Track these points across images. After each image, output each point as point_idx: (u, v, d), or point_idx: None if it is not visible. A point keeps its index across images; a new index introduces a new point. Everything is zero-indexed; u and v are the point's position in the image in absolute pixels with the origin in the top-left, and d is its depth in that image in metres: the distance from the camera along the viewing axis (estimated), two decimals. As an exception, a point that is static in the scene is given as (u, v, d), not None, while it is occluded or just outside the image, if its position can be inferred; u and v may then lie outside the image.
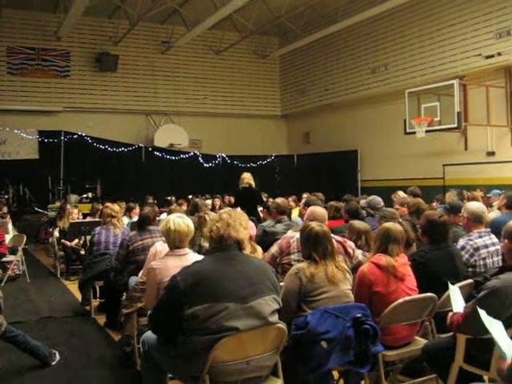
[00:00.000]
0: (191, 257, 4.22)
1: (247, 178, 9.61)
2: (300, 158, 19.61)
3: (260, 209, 9.24)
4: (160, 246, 5.10)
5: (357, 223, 5.42)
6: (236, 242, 3.27)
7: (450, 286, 3.87)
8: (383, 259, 4.15)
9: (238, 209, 4.00)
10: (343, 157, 17.35)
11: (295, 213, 9.25)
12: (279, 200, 6.89)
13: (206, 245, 5.54)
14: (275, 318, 3.27)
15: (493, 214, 7.30)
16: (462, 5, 13.38)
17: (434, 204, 9.31)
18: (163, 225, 4.33)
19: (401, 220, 5.63)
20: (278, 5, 15.38)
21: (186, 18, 16.43)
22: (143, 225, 6.11)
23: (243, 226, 3.34)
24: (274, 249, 4.95)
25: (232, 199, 13.50)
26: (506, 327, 2.88)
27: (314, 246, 3.97)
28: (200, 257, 4.24)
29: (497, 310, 3.16)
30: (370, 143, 16.59)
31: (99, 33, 17.59)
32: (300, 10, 15.88)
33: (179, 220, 4.31)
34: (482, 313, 2.91)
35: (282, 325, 3.29)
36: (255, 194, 9.55)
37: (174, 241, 4.25)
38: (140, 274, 5.12)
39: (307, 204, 6.37)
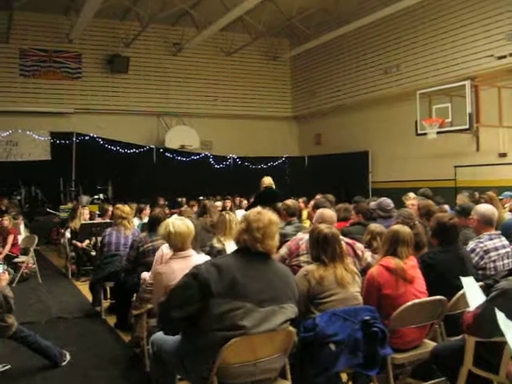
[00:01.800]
0: (196, 258, 4.22)
1: (267, 181, 9.73)
2: (311, 160, 19.61)
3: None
4: (166, 249, 5.10)
5: (373, 225, 5.41)
6: (264, 252, 3.21)
7: (464, 279, 3.86)
8: (392, 262, 4.14)
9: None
10: (354, 158, 17.32)
11: (305, 215, 9.26)
12: (289, 202, 6.90)
13: (218, 245, 5.56)
14: (286, 325, 3.25)
15: (504, 216, 7.27)
16: (474, 5, 13.32)
17: (446, 206, 9.26)
18: (163, 229, 4.30)
19: (417, 222, 5.60)
20: (289, 6, 15.38)
21: (197, 20, 16.48)
22: (153, 226, 6.14)
23: (272, 237, 3.21)
24: (283, 250, 4.96)
25: (244, 201, 13.53)
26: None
27: (323, 248, 3.97)
28: (207, 257, 4.25)
29: (505, 312, 3.18)
30: (381, 144, 16.55)
31: (110, 35, 17.68)
32: (311, 11, 15.88)
33: (178, 222, 4.30)
34: (500, 315, 2.90)
35: (291, 327, 3.29)
36: (275, 195, 9.55)
37: (176, 243, 4.24)
38: (148, 274, 5.13)
39: (316, 206, 6.37)
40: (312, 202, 8.19)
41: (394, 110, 16.01)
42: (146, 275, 5.14)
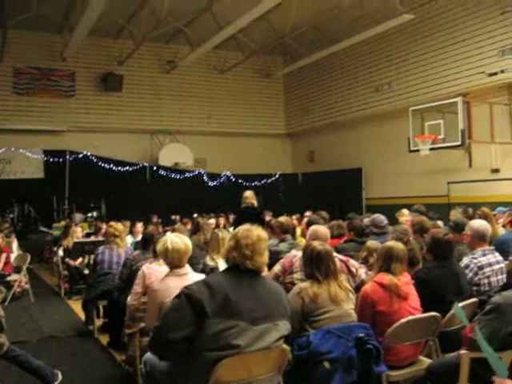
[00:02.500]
0: (192, 276, 4.20)
1: (249, 196, 9.55)
2: (304, 177, 19.66)
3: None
4: (147, 269, 5.09)
5: (370, 242, 5.42)
6: (254, 269, 3.20)
7: (455, 305, 3.86)
8: (386, 278, 4.13)
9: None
10: (347, 175, 17.37)
11: (299, 231, 9.23)
12: (282, 219, 6.90)
13: (211, 263, 5.54)
14: (280, 343, 3.23)
15: (498, 232, 7.27)
16: (465, 23, 13.44)
17: (439, 222, 9.27)
18: (160, 245, 4.31)
19: (411, 238, 5.60)
20: (282, 24, 15.49)
21: (191, 38, 16.57)
22: (147, 244, 6.11)
23: (261, 253, 3.20)
24: (276, 268, 4.94)
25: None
26: (507, 343, 2.88)
27: (317, 265, 3.96)
28: (202, 276, 4.23)
29: (498, 326, 3.22)
30: (375, 161, 16.60)
31: (104, 53, 17.74)
32: (303, 29, 15.99)
33: (176, 239, 4.30)
34: (481, 334, 2.90)
35: (285, 346, 3.27)
36: (257, 214, 9.46)
37: (173, 260, 4.23)
38: (129, 298, 5.12)
39: (309, 223, 6.35)
40: (305, 219, 8.17)
41: (386, 127, 16.10)
42: (131, 302, 5.15)
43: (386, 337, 3.91)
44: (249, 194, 9.64)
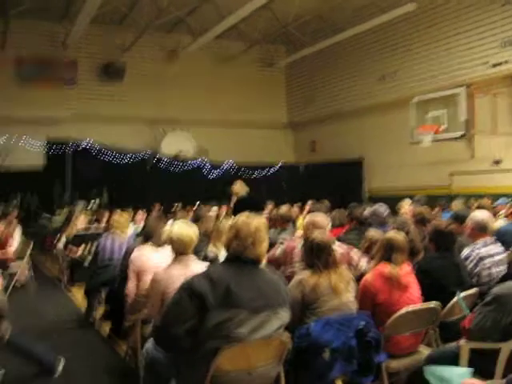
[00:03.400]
0: (197, 264, 4.22)
1: (241, 188, 9.60)
2: (306, 167, 19.62)
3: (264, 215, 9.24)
4: (136, 252, 5.23)
5: (371, 232, 5.41)
6: (252, 259, 3.22)
7: (458, 293, 3.89)
8: (386, 268, 4.15)
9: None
10: (349, 165, 17.33)
11: (300, 221, 9.23)
12: (283, 208, 6.92)
13: (212, 253, 5.56)
14: (281, 331, 3.25)
15: (500, 223, 7.28)
16: (469, 13, 13.37)
17: (437, 209, 9.29)
18: (167, 233, 4.33)
19: (411, 228, 5.62)
20: (285, 13, 15.42)
21: (193, 28, 16.50)
22: (148, 238, 6.04)
23: (262, 242, 3.22)
24: (278, 251, 4.96)
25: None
26: (507, 334, 2.91)
27: (317, 255, 3.97)
28: (206, 264, 4.24)
29: (499, 317, 3.27)
30: (377, 152, 16.56)
31: (106, 42, 17.65)
32: (307, 18, 15.92)
33: (183, 226, 4.33)
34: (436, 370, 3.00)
35: (285, 335, 3.28)
36: (254, 203, 9.45)
37: (179, 248, 4.25)
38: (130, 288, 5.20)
39: (312, 212, 6.36)
40: (307, 208, 8.19)
41: (389, 117, 16.03)
42: (130, 291, 5.20)
43: (387, 327, 3.92)
44: (240, 186, 9.66)
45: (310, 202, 11.52)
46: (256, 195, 10.09)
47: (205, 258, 5.37)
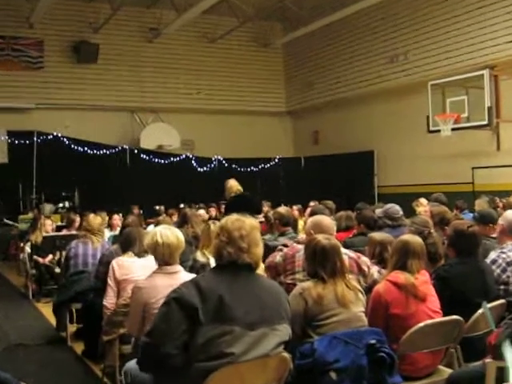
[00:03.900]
0: (184, 275, 4.24)
1: (235, 184, 9.61)
2: (308, 161, 19.64)
3: (259, 220, 9.24)
4: (116, 261, 5.23)
5: (376, 235, 5.40)
6: (249, 264, 3.22)
7: (484, 304, 3.89)
8: (401, 277, 4.15)
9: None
10: (357, 159, 17.38)
11: (301, 225, 9.26)
12: (282, 210, 6.90)
13: (202, 259, 5.56)
14: (279, 350, 3.24)
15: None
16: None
17: (455, 211, 9.31)
18: (149, 239, 4.35)
19: (432, 231, 5.62)
20: (282, -15, 15.42)
21: (176, 2, 16.47)
22: (127, 245, 6.00)
23: (257, 244, 3.26)
24: (277, 258, 4.95)
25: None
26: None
27: (321, 262, 3.96)
28: (193, 275, 4.24)
29: None
30: (388, 143, 16.59)
31: (77, 19, 17.61)
32: (307, -9, 15.93)
33: (167, 232, 4.35)
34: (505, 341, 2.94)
35: (285, 353, 3.28)
36: (250, 202, 9.47)
37: (163, 256, 4.28)
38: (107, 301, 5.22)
39: (312, 214, 6.35)
40: (308, 210, 8.20)
41: (402, 104, 16.06)
42: (108, 302, 5.22)
43: (401, 343, 3.92)
44: (233, 182, 9.68)
45: (311, 203, 11.53)
46: (252, 194, 10.06)
47: (192, 268, 5.37)
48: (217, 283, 3.12)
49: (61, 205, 16.34)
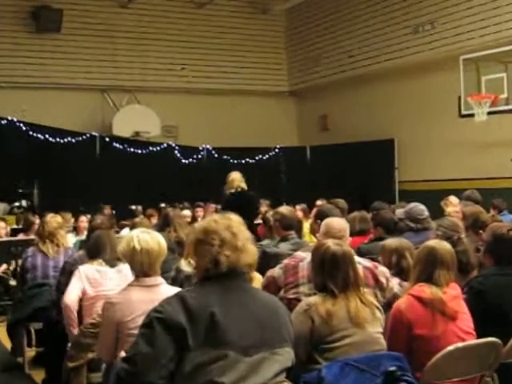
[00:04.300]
0: (166, 289, 4.26)
1: (238, 179, 9.61)
2: (314, 152, 19.60)
3: (258, 222, 9.26)
4: (85, 268, 5.25)
5: (391, 242, 5.40)
6: (243, 269, 3.26)
7: None
8: (427, 291, 4.16)
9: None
10: (374, 149, 17.35)
11: (306, 227, 9.24)
12: (284, 210, 6.91)
13: (187, 269, 5.56)
14: (281, 378, 3.23)
15: None
16: None
17: (492, 212, 9.33)
18: (124, 245, 4.35)
19: (463, 236, 5.64)
20: None
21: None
22: (96, 252, 5.99)
23: (249, 239, 3.32)
24: (276, 271, 4.97)
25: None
26: None
27: (331, 272, 3.97)
28: (177, 289, 4.24)
29: None
30: (412, 130, 16.58)
31: (36, -22, 17.61)
32: None
33: (146, 236, 4.35)
34: None
35: (287, 383, 3.28)
36: (250, 202, 9.50)
37: (142, 265, 4.28)
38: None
39: (319, 216, 6.32)
40: (314, 211, 8.20)
41: (428, 83, 16.04)
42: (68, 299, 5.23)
43: (427, 371, 3.93)
44: (236, 175, 9.68)
45: (319, 202, 11.52)
46: (254, 194, 10.06)
47: (174, 280, 5.38)
48: (206, 298, 3.11)
49: (17, 204, 16.30)
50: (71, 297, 5.42)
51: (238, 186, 9.53)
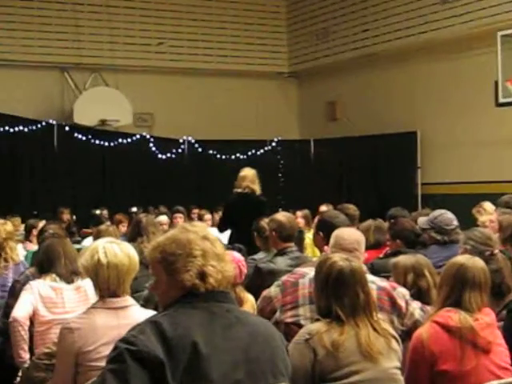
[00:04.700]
0: (137, 312, 4.26)
1: (249, 178, 9.58)
2: (320, 146, 19.60)
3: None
4: (40, 287, 5.22)
5: (406, 258, 5.39)
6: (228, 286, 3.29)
7: None
8: (455, 317, 4.16)
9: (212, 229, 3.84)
10: (392, 144, 17.41)
11: (308, 239, 9.25)
12: (281, 217, 6.90)
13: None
14: None
15: None
16: None
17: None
18: (87, 257, 4.34)
19: (496, 251, 5.64)
20: None
21: None
22: (49, 265, 5.97)
23: (224, 250, 3.37)
24: (272, 290, 4.97)
25: (207, 215, 13.49)
26: None
27: (337, 294, 3.97)
28: (152, 312, 4.22)
29: None
30: (437, 121, 16.60)
31: None
32: None
33: (114, 248, 4.34)
34: None
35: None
36: (256, 208, 9.40)
37: (108, 283, 4.27)
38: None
39: (321, 225, 6.28)
40: (316, 219, 8.18)
41: (458, 64, 16.07)
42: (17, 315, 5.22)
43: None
44: (248, 173, 9.67)
45: (323, 207, 11.52)
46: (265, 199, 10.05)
47: (148, 302, 5.37)
48: (187, 325, 3.09)
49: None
50: (21, 312, 5.37)
51: (247, 187, 9.49)
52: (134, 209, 14.62)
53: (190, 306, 3.18)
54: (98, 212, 15.05)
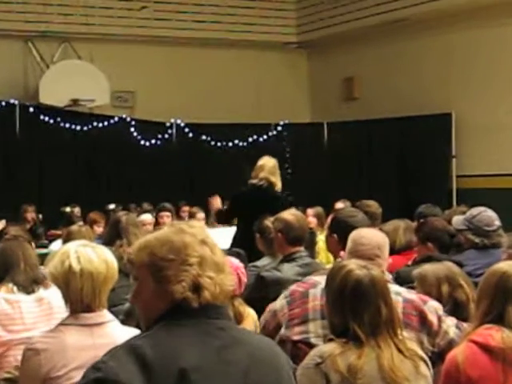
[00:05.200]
0: (116, 330, 4.27)
1: (267, 168, 9.56)
2: (335, 131, 19.63)
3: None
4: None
5: (434, 267, 5.37)
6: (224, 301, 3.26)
7: None
8: (496, 336, 4.16)
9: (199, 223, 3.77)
10: (422, 128, 17.45)
11: (322, 241, 9.24)
12: (289, 216, 6.90)
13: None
14: None
15: None
16: None
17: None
18: (56, 264, 4.32)
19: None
20: None
21: None
22: (3, 276, 5.98)
23: (224, 256, 3.35)
24: (278, 301, 4.97)
25: (199, 213, 13.51)
26: None
27: (354, 308, 3.97)
28: (135, 331, 4.22)
29: None
30: (477, 102, 16.62)
31: None
32: None
33: (88, 252, 4.34)
34: None
35: None
36: (271, 203, 9.32)
37: (81, 295, 4.25)
38: None
39: (335, 226, 6.26)
40: (330, 218, 8.17)
41: (501, 33, 16.08)
42: None
43: None
44: (267, 162, 9.65)
45: (339, 204, 11.54)
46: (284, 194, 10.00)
47: (129, 316, 5.39)
48: (173, 347, 3.06)
49: None
50: None
51: (264, 179, 9.44)
52: (112, 206, 14.61)
53: (178, 323, 3.14)
54: (68, 210, 15.07)
